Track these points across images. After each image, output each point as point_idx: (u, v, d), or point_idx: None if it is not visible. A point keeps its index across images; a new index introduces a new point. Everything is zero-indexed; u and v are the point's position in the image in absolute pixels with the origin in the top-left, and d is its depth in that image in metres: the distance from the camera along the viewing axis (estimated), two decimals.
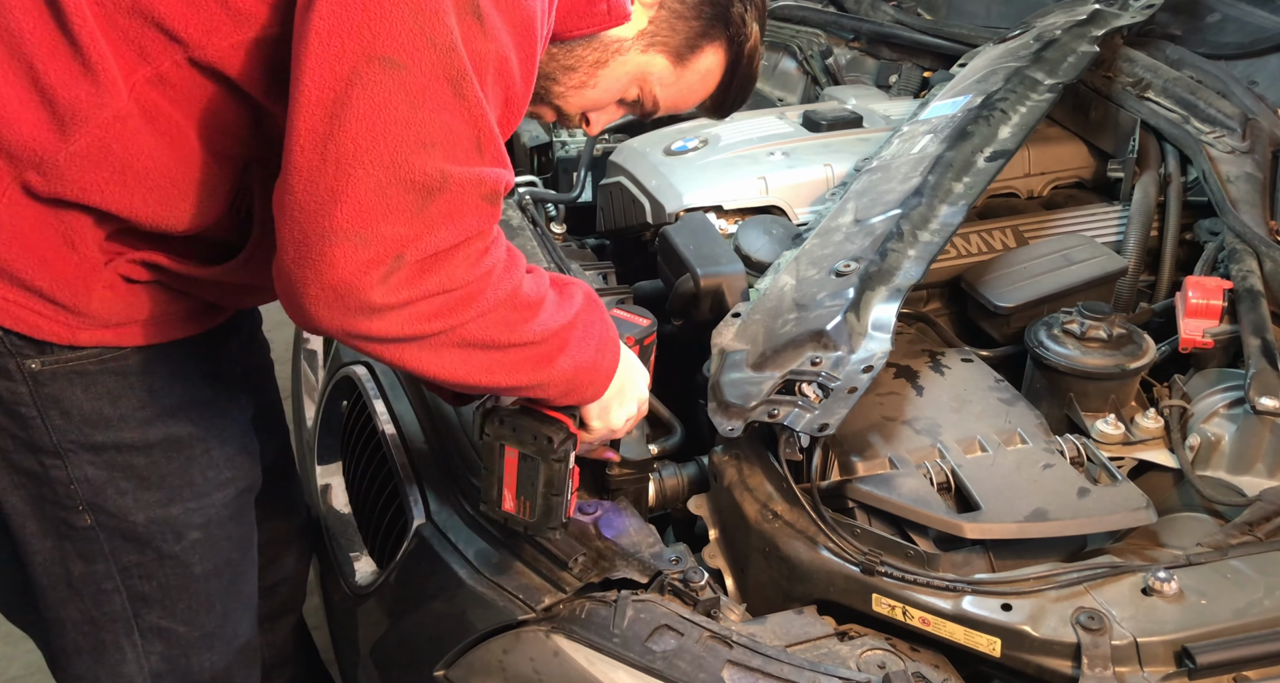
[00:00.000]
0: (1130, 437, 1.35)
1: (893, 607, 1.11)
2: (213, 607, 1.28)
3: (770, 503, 1.21)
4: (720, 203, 1.77)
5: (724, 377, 1.30)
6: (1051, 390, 1.42)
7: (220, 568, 1.27)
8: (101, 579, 1.19)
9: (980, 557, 1.16)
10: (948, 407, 1.34)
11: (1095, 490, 1.18)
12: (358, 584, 1.43)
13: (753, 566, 1.22)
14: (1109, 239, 1.74)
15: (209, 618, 1.28)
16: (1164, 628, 1.03)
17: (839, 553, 1.14)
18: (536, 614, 1.11)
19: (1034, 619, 1.05)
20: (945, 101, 1.80)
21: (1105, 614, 1.04)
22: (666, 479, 1.35)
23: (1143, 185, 1.77)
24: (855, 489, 1.21)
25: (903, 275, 1.37)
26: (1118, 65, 1.97)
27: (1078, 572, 1.09)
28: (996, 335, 1.57)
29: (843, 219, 1.53)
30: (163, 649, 1.26)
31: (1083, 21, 1.97)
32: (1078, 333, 1.40)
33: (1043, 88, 1.77)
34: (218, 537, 1.25)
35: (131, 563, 1.20)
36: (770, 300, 1.41)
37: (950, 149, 1.59)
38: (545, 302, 1.02)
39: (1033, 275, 1.57)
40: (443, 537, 1.24)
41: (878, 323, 1.30)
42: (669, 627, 1.08)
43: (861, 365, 1.23)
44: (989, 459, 1.24)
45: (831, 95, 2.23)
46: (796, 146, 1.90)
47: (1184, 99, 1.85)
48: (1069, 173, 1.97)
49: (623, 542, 1.17)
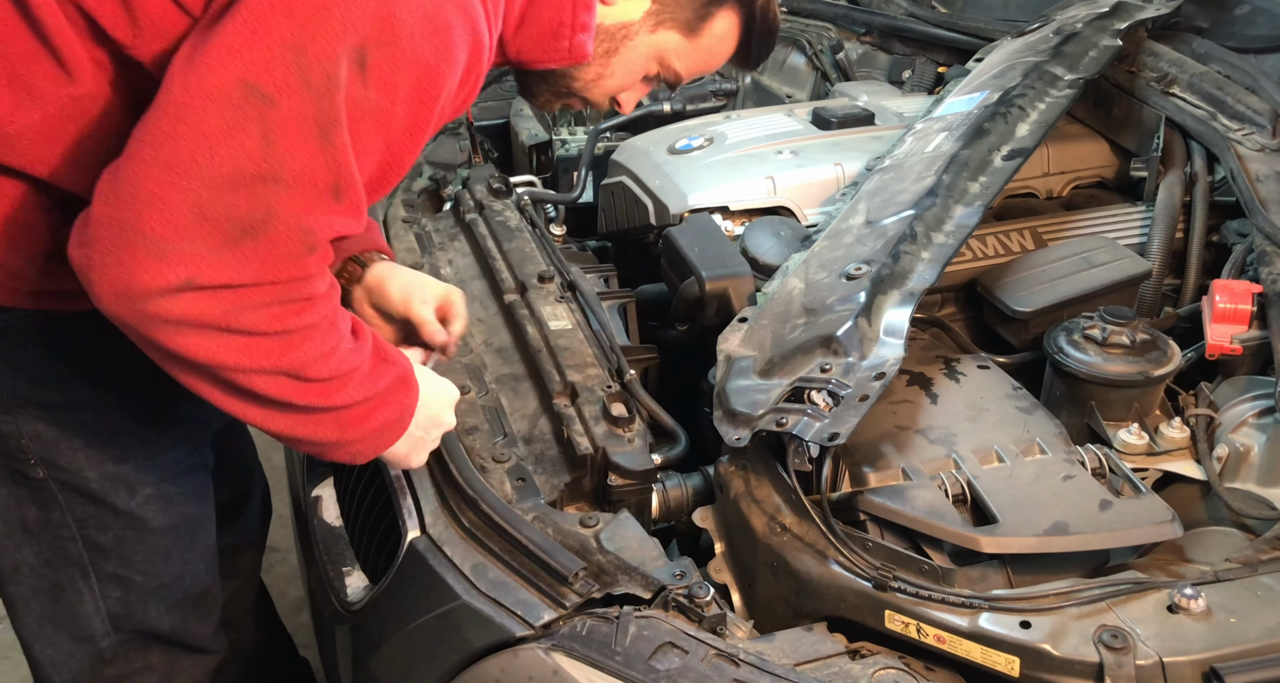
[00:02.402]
0: (1154, 447, 1.35)
1: (906, 624, 1.10)
2: (170, 558, 1.35)
3: (778, 515, 1.21)
4: (726, 203, 1.78)
5: (730, 384, 1.30)
6: (1072, 399, 1.42)
7: (176, 522, 1.34)
8: (57, 527, 1.26)
9: (998, 572, 1.16)
10: (963, 415, 1.34)
11: (1118, 503, 1.18)
12: (348, 600, 1.43)
13: (760, 580, 1.22)
14: (1132, 241, 1.74)
15: (166, 569, 1.35)
16: (1191, 647, 1.03)
17: (850, 568, 1.14)
18: (535, 631, 1.11)
19: (1054, 638, 1.04)
20: (961, 98, 1.81)
21: (1129, 633, 1.03)
22: (670, 490, 1.35)
23: (1167, 185, 1.77)
24: (867, 501, 1.21)
25: (916, 279, 1.37)
26: (1141, 60, 1.97)
27: (1100, 588, 1.09)
28: (1014, 341, 1.57)
29: (854, 220, 1.54)
30: (120, 595, 1.33)
31: (1105, 14, 1.98)
32: (1099, 339, 1.40)
33: (1063, 83, 1.77)
34: (171, 493, 1.32)
35: (87, 515, 1.26)
36: (778, 305, 1.42)
37: (966, 147, 1.60)
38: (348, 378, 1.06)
39: (1052, 279, 1.57)
40: (437, 550, 1.24)
41: (890, 328, 1.30)
42: (673, 644, 1.08)
43: (873, 372, 1.23)
44: (1006, 470, 1.24)
45: (842, 92, 2.24)
46: (806, 145, 1.90)
47: (1211, 95, 1.85)
48: (1090, 172, 1.98)
49: (625, 556, 1.17)
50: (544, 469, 1.31)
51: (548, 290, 1.58)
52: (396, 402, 1.13)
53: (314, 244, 0.96)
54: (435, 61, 0.98)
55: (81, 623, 1.34)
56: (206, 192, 0.91)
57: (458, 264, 1.74)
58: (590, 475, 1.31)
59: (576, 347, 1.47)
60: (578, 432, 1.33)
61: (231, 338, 0.97)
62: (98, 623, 1.34)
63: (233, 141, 0.91)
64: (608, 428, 1.33)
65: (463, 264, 1.74)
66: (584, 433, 1.32)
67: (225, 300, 0.95)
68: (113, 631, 1.35)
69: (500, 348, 1.53)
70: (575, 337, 1.49)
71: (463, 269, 1.72)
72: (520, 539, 1.18)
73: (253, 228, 0.93)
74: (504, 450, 1.32)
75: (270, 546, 2.58)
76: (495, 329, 1.57)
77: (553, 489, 1.29)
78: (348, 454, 1.14)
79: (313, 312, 1.01)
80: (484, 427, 1.36)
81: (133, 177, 0.92)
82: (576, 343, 1.47)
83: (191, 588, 1.40)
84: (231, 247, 0.93)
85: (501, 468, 1.30)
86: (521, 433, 1.37)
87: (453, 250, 1.76)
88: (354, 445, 1.13)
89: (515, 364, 1.49)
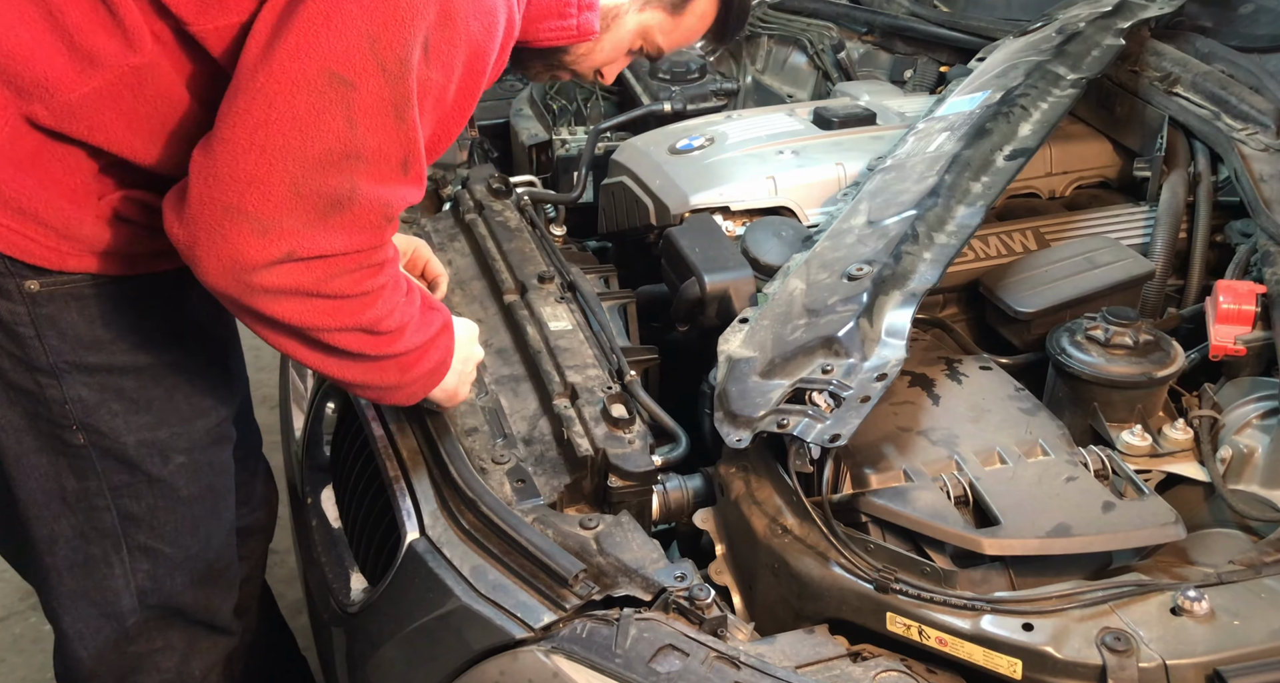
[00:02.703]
0: (1158, 449, 1.35)
1: (908, 626, 1.10)
2: (196, 530, 1.39)
3: (779, 517, 1.21)
4: (727, 203, 1.78)
5: (731, 385, 1.30)
6: (1074, 400, 1.41)
7: (203, 492, 1.38)
8: (94, 496, 1.30)
9: (1000, 574, 1.16)
10: (965, 417, 1.34)
11: (1121, 505, 1.18)
12: (347, 602, 1.43)
13: (761, 583, 1.22)
14: (1135, 241, 1.74)
15: (193, 541, 1.39)
16: (1194, 650, 1.03)
17: (852, 570, 1.14)
18: (535, 633, 1.11)
19: (1057, 640, 1.04)
20: (963, 98, 1.81)
21: (1132, 635, 1.03)
22: (671, 492, 1.35)
23: (1171, 185, 1.77)
24: (869, 503, 1.21)
25: (918, 279, 1.37)
26: (1145, 59, 1.97)
27: (1103, 590, 1.09)
28: (1016, 342, 1.57)
29: (855, 221, 1.54)
30: (149, 568, 1.37)
31: (1108, 13, 1.97)
32: (1102, 339, 1.40)
33: (1065, 83, 1.77)
34: (200, 462, 1.36)
35: (122, 483, 1.30)
36: (779, 305, 1.42)
37: (968, 147, 1.60)
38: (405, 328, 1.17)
39: (1055, 279, 1.57)
40: (437, 552, 1.24)
41: (892, 329, 1.30)
42: (674, 647, 1.08)
43: (875, 373, 1.24)
44: (1009, 472, 1.24)
45: (843, 91, 2.24)
46: (807, 145, 1.90)
47: (1215, 94, 1.85)
48: (1093, 172, 1.97)
49: (625, 558, 1.17)
50: (544, 471, 1.31)
51: (548, 291, 1.58)
52: (443, 343, 1.24)
53: (390, 215, 1.07)
54: (483, 39, 1.08)
55: (110, 598, 1.37)
56: (300, 171, 1.00)
57: (457, 264, 1.74)
58: (590, 477, 1.31)
59: (576, 347, 1.47)
60: (578, 433, 1.33)
61: (321, 302, 1.08)
62: (126, 599, 1.37)
63: (321, 124, 0.99)
64: (608, 429, 1.33)
65: (462, 264, 1.74)
66: (584, 434, 1.32)
67: (319, 269, 1.05)
68: (140, 607, 1.39)
69: (500, 349, 1.53)
70: (575, 337, 1.49)
71: (462, 269, 1.72)
72: (520, 541, 1.18)
73: (340, 202, 1.02)
74: (504, 452, 1.32)
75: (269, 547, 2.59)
76: (495, 330, 1.57)
77: (552, 491, 1.29)
78: (405, 395, 1.26)
79: (384, 273, 1.12)
80: (483, 428, 1.36)
81: (230, 159, 1.00)
82: (576, 344, 1.48)
83: (215, 563, 1.44)
84: (323, 220, 1.03)
85: (501, 469, 1.30)
86: (521, 434, 1.37)
87: (452, 251, 1.76)
88: (411, 387, 1.24)
89: (515, 365, 1.49)
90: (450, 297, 1.65)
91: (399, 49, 1.00)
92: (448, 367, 1.27)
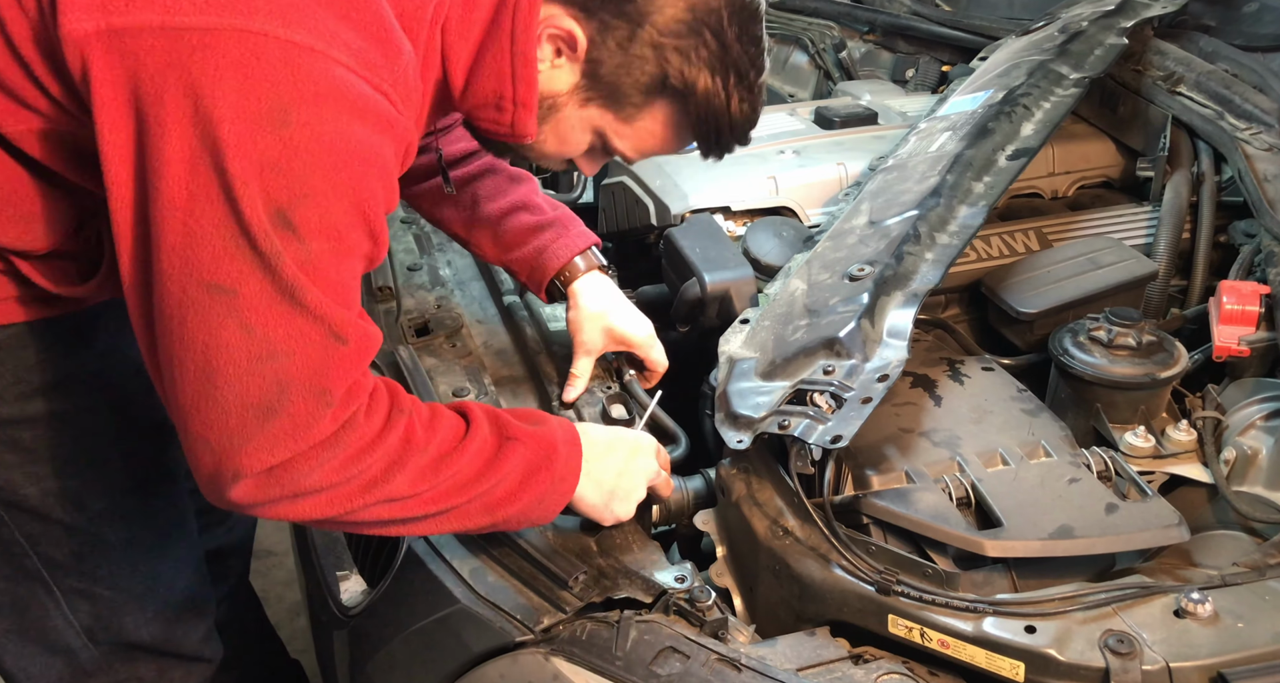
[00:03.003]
0: (1161, 450, 1.34)
1: (910, 628, 1.10)
2: (136, 571, 1.35)
3: (780, 519, 1.21)
4: (728, 204, 1.78)
5: (732, 386, 1.30)
6: (1077, 401, 1.41)
7: (140, 535, 1.33)
8: (9, 544, 1.26)
9: (1002, 576, 1.16)
10: (967, 418, 1.33)
11: (1124, 507, 1.18)
12: (346, 605, 1.43)
13: (762, 585, 1.22)
14: (1138, 241, 1.74)
15: (135, 582, 1.35)
16: (1198, 653, 1.02)
17: (853, 572, 1.14)
18: (535, 636, 1.11)
19: (1060, 642, 1.04)
20: (965, 97, 1.81)
21: (1135, 638, 1.03)
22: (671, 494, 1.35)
23: (1174, 185, 1.77)
24: (870, 504, 1.21)
25: (920, 280, 1.37)
26: (1148, 58, 1.97)
27: (1106, 592, 1.09)
28: (1019, 343, 1.57)
29: (857, 221, 1.54)
30: (89, 608, 1.32)
31: (1111, 12, 1.97)
32: (1105, 340, 1.40)
33: (1068, 82, 1.77)
34: (127, 507, 1.31)
35: (36, 531, 1.26)
36: (780, 306, 1.41)
37: (970, 147, 1.60)
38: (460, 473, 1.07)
39: (1057, 280, 1.57)
40: (436, 554, 1.24)
41: (893, 330, 1.30)
42: (674, 649, 1.08)
43: (877, 374, 1.23)
44: (1011, 473, 1.24)
45: (845, 91, 2.24)
46: (808, 144, 1.90)
47: (1218, 94, 1.85)
48: (1096, 172, 1.97)
49: (625, 559, 1.17)
50: None
51: None
52: (543, 473, 1.12)
53: (331, 401, 0.99)
54: (358, 182, 0.98)
55: (53, 636, 1.33)
56: (220, 391, 0.96)
57: (456, 265, 1.74)
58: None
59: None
60: None
61: (312, 498, 1.01)
62: (71, 636, 1.33)
63: (217, 339, 0.95)
64: None
65: (461, 265, 1.74)
66: None
67: (278, 478, 0.99)
68: (90, 643, 1.35)
69: (499, 349, 1.53)
70: None
71: (461, 270, 1.73)
72: (519, 543, 1.18)
73: (271, 407, 0.97)
74: None
75: (267, 549, 2.60)
76: (494, 331, 1.57)
77: None
78: (517, 525, 1.15)
79: (374, 452, 1.02)
80: None
81: (171, 391, 0.98)
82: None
83: (171, 598, 1.39)
84: (260, 430, 0.97)
85: None
86: None
87: (451, 251, 1.76)
88: (516, 520, 1.13)
89: (515, 366, 1.49)
90: (450, 297, 1.65)
91: (263, 241, 0.94)
92: (567, 488, 1.15)
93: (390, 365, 1.49)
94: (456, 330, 1.55)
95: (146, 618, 1.37)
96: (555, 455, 1.13)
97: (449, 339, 1.54)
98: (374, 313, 1.63)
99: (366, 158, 0.98)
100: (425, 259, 1.74)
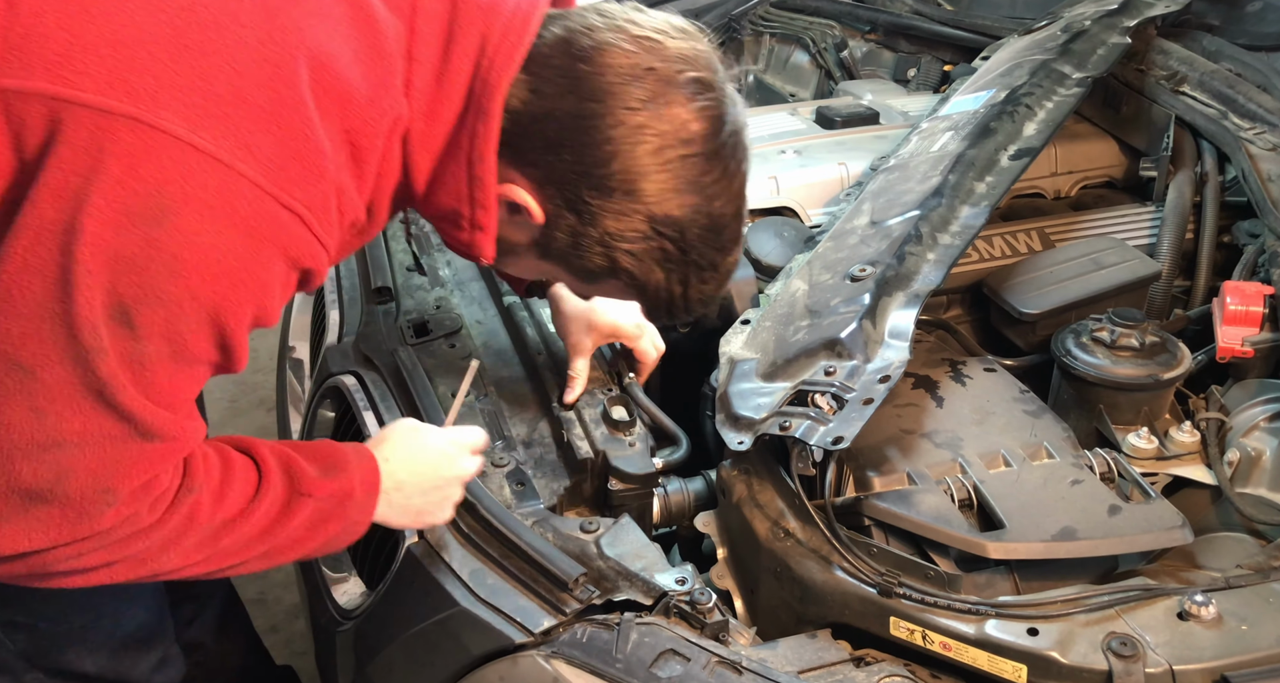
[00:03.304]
0: (1164, 451, 1.34)
1: (912, 631, 1.10)
2: (79, 606, 1.31)
3: (781, 520, 1.21)
4: None
5: (733, 387, 1.30)
6: (1080, 402, 1.41)
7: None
8: None
9: (1005, 578, 1.16)
10: (969, 419, 1.33)
11: (1127, 508, 1.18)
12: (344, 607, 1.43)
13: (763, 587, 1.22)
14: (1141, 242, 1.74)
15: (78, 616, 1.31)
16: (1201, 655, 1.02)
17: (854, 573, 1.14)
18: (535, 638, 1.11)
19: (1062, 645, 1.04)
20: (967, 97, 1.81)
21: (1138, 640, 1.03)
22: (672, 495, 1.35)
23: (1177, 185, 1.77)
24: (872, 506, 1.21)
25: (921, 280, 1.37)
26: (1151, 58, 1.97)
27: (1109, 594, 1.09)
28: (1021, 344, 1.56)
29: (858, 221, 1.54)
30: (27, 639, 1.30)
31: (1113, 11, 1.97)
32: (1108, 341, 1.39)
33: (1071, 82, 1.77)
34: None
35: None
36: (781, 307, 1.41)
37: (972, 147, 1.59)
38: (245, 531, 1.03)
39: (1060, 280, 1.57)
40: (435, 556, 1.24)
41: (895, 330, 1.30)
42: (675, 652, 1.08)
43: (878, 375, 1.23)
44: (1013, 475, 1.24)
45: (846, 90, 2.24)
46: (809, 144, 1.90)
47: (1222, 93, 1.85)
48: (1098, 172, 1.97)
49: (626, 561, 1.17)
50: (543, 473, 1.31)
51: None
52: (333, 522, 1.10)
53: (114, 500, 0.94)
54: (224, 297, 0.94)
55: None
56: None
57: (456, 265, 1.74)
58: (590, 480, 1.31)
59: None
60: (578, 435, 1.33)
61: (74, 577, 0.98)
62: (12, 660, 1.31)
63: (2, 415, 0.90)
64: (608, 432, 1.33)
65: (461, 265, 1.74)
66: (584, 437, 1.32)
67: (32, 564, 0.95)
68: (32, 667, 1.32)
69: (499, 350, 1.53)
70: None
71: (461, 270, 1.72)
72: (519, 545, 1.18)
73: (41, 494, 0.92)
74: (503, 454, 1.32)
75: None
76: (494, 331, 1.57)
77: (552, 494, 1.29)
78: (323, 553, 1.15)
79: (149, 537, 0.98)
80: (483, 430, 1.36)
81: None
82: None
83: (117, 631, 1.36)
84: (21, 515, 0.92)
85: (500, 472, 1.29)
86: (521, 437, 1.37)
87: (451, 251, 1.76)
88: (306, 557, 1.13)
89: (514, 367, 1.49)
90: (450, 298, 1.65)
91: (87, 333, 0.89)
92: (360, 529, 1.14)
93: (390, 366, 1.49)
94: (455, 331, 1.56)
95: (91, 649, 1.34)
96: (349, 502, 1.11)
97: (448, 340, 1.54)
98: (374, 313, 1.63)
99: (243, 277, 0.94)
100: (425, 259, 1.74)
